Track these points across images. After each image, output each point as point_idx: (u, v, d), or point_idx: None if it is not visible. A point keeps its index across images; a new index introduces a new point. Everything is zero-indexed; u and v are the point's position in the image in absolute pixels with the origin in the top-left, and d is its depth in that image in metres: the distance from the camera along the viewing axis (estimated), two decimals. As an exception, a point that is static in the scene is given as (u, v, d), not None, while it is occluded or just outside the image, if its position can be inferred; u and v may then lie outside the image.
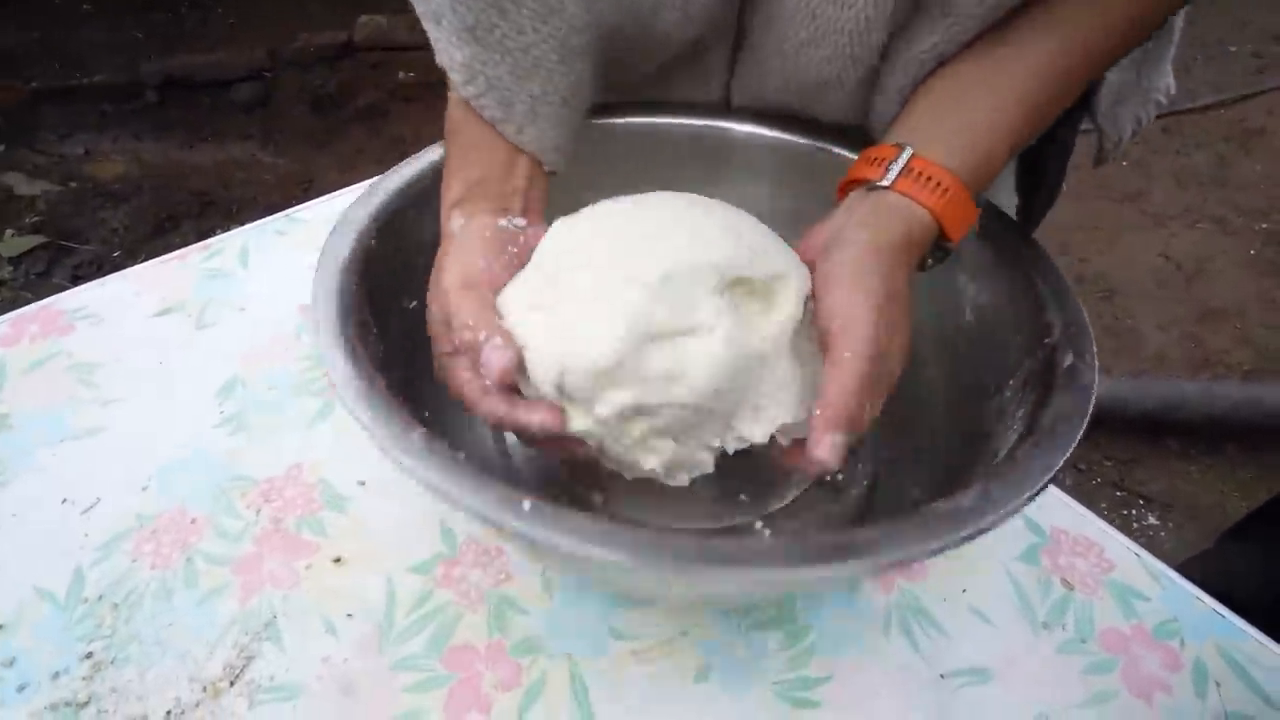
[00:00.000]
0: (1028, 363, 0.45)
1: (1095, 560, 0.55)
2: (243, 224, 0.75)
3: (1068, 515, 0.58)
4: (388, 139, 2.22)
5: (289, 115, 2.28)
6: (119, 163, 2.09)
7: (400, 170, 0.53)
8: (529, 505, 0.33)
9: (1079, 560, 0.55)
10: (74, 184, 2.01)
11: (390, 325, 0.48)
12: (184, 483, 0.56)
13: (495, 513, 0.33)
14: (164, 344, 0.64)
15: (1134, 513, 1.45)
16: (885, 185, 0.43)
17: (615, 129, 0.59)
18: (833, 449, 0.38)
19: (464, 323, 0.41)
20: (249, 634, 0.48)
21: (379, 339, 0.45)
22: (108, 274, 0.70)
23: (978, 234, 0.49)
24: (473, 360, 0.41)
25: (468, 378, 0.41)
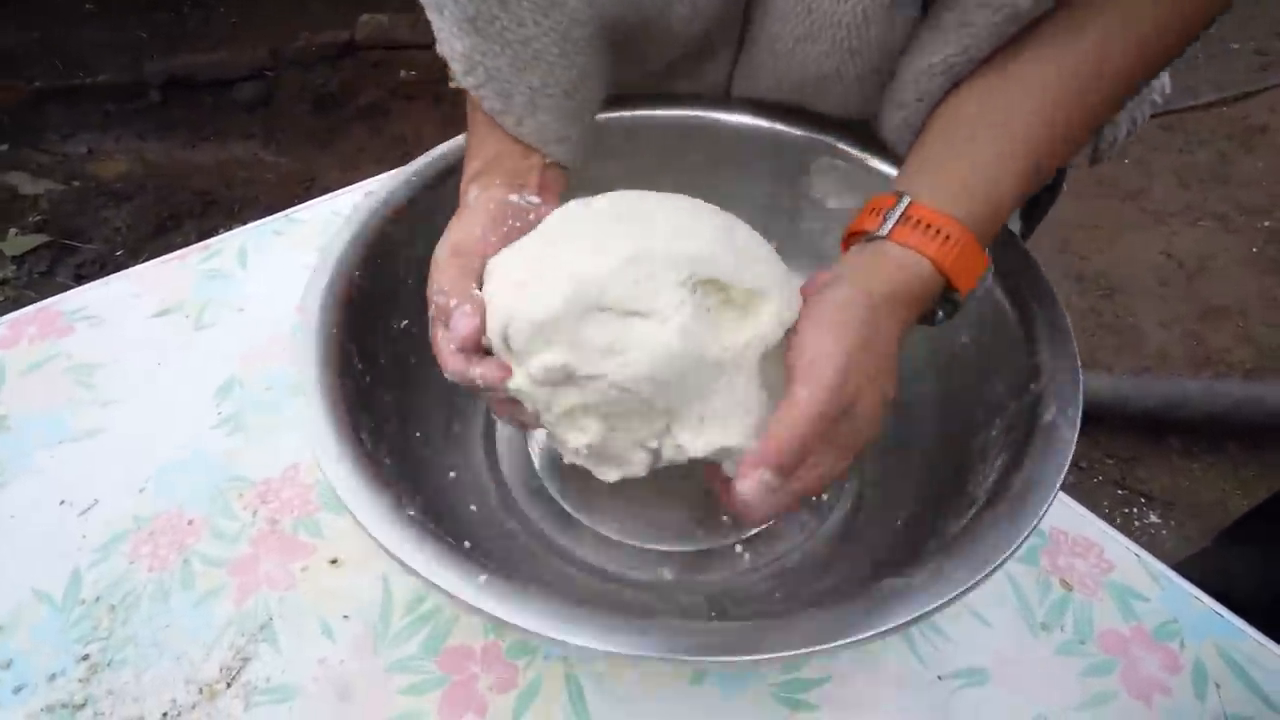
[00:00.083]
0: (1013, 405, 0.45)
1: (1095, 561, 0.55)
2: (245, 223, 0.75)
3: (1067, 516, 0.57)
4: (389, 138, 2.22)
5: (291, 114, 2.28)
6: (122, 162, 2.09)
7: (383, 186, 0.54)
8: (484, 579, 0.35)
9: (1078, 561, 0.55)
10: (77, 183, 2.01)
11: (382, 348, 0.49)
12: (181, 484, 0.56)
13: (454, 588, 0.35)
14: (162, 345, 0.64)
15: (1135, 511, 1.45)
16: (883, 235, 0.42)
17: (612, 122, 0.59)
18: (757, 487, 0.36)
19: (440, 288, 0.42)
20: (245, 635, 0.48)
21: (366, 370, 0.47)
22: (110, 273, 0.71)
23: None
24: (446, 324, 0.42)
25: (441, 339, 0.43)
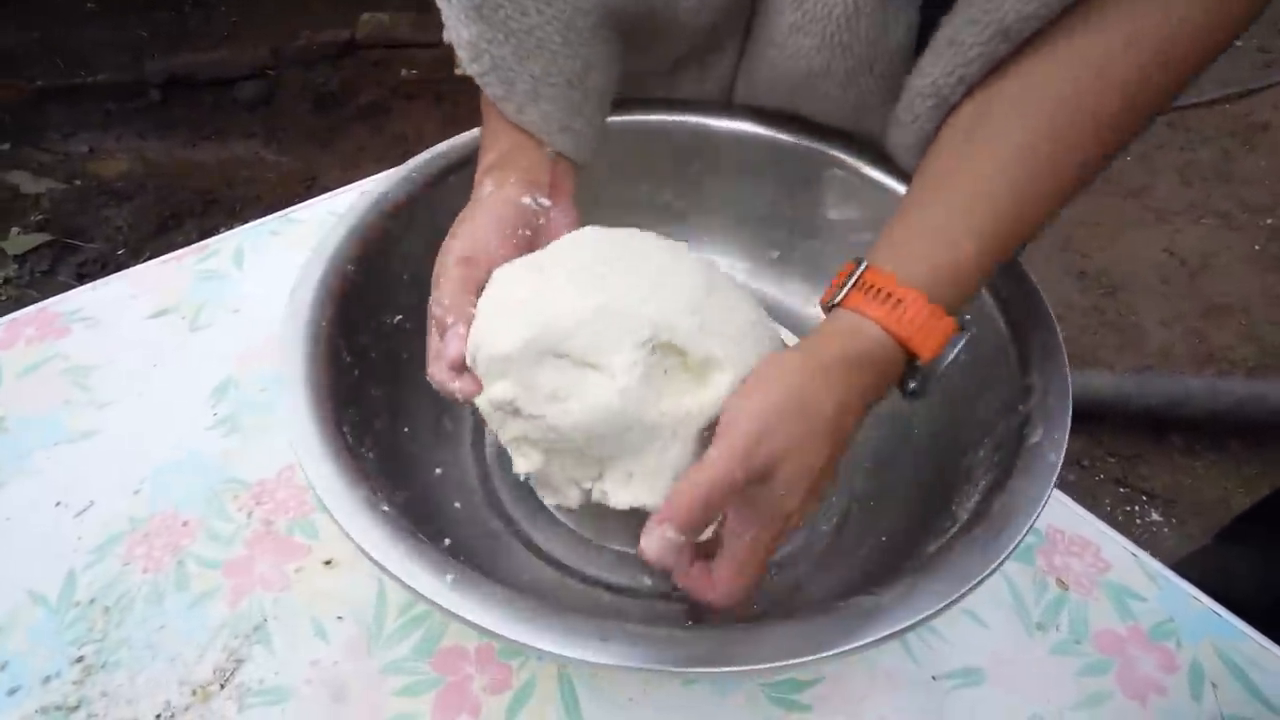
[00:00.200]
0: (1001, 425, 0.44)
1: (1091, 560, 0.55)
2: (245, 222, 0.75)
3: (1064, 514, 0.57)
4: (390, 136, 2.21)
5: (292, 113, 2.28)
6: (123, 161, 2.09)
7: (380, 183, 0.54)
8: (451, 578, 0.36)
9: (1074, 560, 0.55)
10: (78, 182, 2.01)
11: (374, 343, 0.49)
12: (176, 485, 0.56)
13: (421, 587, 0.36)
14: (158, 346, 0.64)
15: (1137, 509, 1.44)
16: (837, 303, 0.40)
17: (614, 128, 0.59)
18: (658, 543, 0.35)
19: (441, 300, 0.43)
20: (239, 637, 0.48)
21: (355, 364, 0.48)
22: (112, 272, 0.71)
23: None
24: (441, 334, 0.43)
25: (432, 350, 0.44)
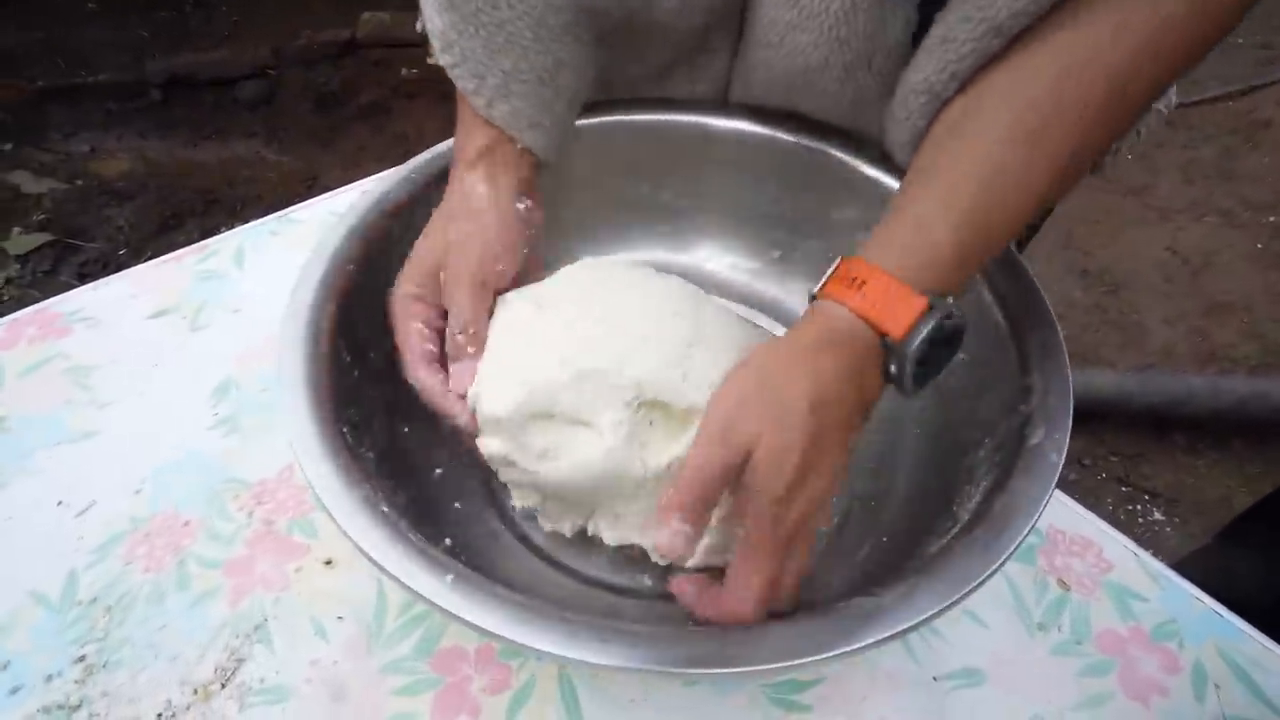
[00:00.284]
0: (1003, 425, 0.44)
1: (1093, 560, 0.55)
2: (246, 222, 0.75)
3: (1065, 514, 0.57)
4: (390, 136, 2.22)
5: (293, 113, 2.28)
6: (124, 161, 2.10)
7: (381, 183, 0.54)
8: (451, 578, 0.36)
9: (1076, 560, 0.54)
10: (80, 182, 2.01)
11: (375, 343, 0.49)
12: (177, 485, 0.56)
13: (421, 587, 0.36)
14: (159, 346, 0.64)
15: (1139, 508, 1.44)
16: (814, 294, 0.40)
17: (613, 127, 0.59)
18: (669, 535, 0.37)
19: (464, 327, 0.44)
20: (240, 636, 0.48)
21: (355, 364, 0.47)
22: (113, 272, 0.71)
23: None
24: (445, 349, 0.44)
25: (440, 379, 0.44)
